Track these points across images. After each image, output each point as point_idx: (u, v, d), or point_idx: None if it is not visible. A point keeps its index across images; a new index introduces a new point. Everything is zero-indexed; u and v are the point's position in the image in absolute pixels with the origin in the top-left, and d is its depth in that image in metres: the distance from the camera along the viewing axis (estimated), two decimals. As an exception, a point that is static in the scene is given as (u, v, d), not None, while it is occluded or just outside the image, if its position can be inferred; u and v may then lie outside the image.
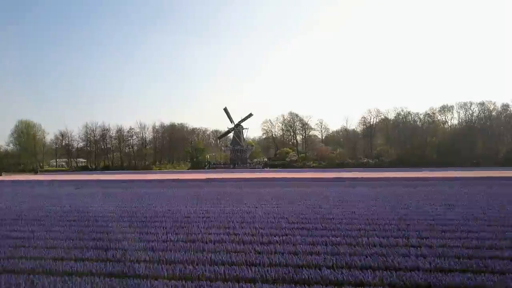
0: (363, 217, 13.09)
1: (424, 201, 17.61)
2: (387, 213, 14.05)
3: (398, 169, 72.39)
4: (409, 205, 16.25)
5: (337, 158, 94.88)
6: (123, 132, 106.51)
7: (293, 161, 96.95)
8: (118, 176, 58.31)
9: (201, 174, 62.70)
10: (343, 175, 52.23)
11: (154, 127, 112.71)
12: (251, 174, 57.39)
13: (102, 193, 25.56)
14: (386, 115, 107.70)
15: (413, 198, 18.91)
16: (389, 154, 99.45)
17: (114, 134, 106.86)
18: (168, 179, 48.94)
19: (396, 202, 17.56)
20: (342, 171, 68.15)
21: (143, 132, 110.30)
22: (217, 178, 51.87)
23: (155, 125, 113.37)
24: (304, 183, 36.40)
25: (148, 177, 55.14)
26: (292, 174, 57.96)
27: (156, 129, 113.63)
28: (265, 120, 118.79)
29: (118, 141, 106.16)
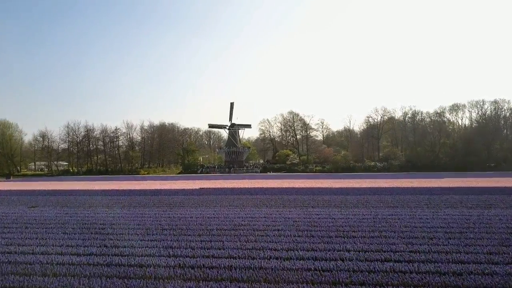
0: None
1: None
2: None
3: (416, 174, 66.02)
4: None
5: (342, 161, 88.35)
6: (108, 132, 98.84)
7: (294, 165, 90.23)
8: (90, 185, 51.08)
9: (191, 182, 55.58)
10: (372, 183, 45.91)
11: (143, 127, 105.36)
12: (254, 182, 50.47)
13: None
14: (393, 114, 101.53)
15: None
16: (397, 156, 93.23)
17: (98, 134, 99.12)
18: (148, 189, 41.69)
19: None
20: (358, 177, 61.77)
21: (130, 133, 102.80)
22: (212, 187, 44.90)
23: (143, 125, 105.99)
24: (336, 198, 29.46)
25: (125, 185, 47.85)
26: (304, 181, 51.04)
27: (144, 129, 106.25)
28: (263, 120, 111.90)
29: (103, 143, 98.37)
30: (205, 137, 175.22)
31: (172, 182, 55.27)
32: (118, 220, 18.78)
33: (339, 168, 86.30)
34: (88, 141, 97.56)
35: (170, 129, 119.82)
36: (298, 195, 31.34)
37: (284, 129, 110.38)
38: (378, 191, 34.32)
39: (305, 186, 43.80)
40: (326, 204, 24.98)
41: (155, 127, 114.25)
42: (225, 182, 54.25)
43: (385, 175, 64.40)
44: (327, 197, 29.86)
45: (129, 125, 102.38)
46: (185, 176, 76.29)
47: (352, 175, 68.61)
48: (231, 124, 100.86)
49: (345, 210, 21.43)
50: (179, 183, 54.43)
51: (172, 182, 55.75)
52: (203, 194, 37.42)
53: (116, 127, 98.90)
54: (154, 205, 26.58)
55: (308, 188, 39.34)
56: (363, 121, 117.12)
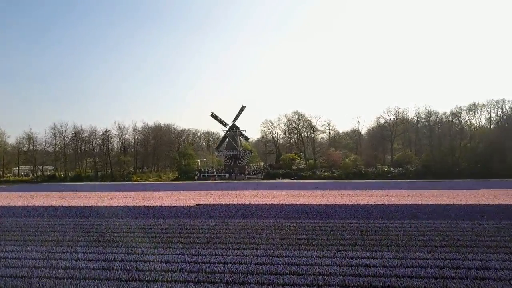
0: None
1: None
2: None
3: (443, 184, 59.26)
4: None
5: (352, 166, 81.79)
6: (98, 134, 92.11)
7: (300, 170, 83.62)
8: (57, 198, 44.29)
9: (186, 193, 49.01)
10: (412, 197, 39.06)
11: (135, 129, 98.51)
12: (263, 195, 43.90)
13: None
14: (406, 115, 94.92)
15: None
16: (411, 160, 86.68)
17: (87, 137, 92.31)
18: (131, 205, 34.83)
19: None
20: (382, 186, 54.91)
21: (122, 135, 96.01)
22: (211, 203, 38.20)
23: (136, 127, 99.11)
24: (392, 227, 22.75)
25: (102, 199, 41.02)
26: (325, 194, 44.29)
27: (138, 131, 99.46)
28: (265, 121, 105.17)
29: (92, 146, 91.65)
30: (204, 139, 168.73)
31: (164, 194, 48.62)
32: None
33: (350, 173, 79.80)
34: (76, 144, 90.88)
35: (166, 130, 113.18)
36: (339, 222, 24.23)
37: (288, 130, 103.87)
38: (443, 209, 27.49)
39: (334, 201, 36.92)
40: (396, 241, 18.00)
41: (150, 128, 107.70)
42: (226, 194, 47.68)
43: (410, 185, 57.81)
44: (381, 223, 23.00)
45: (121, 127, 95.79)
46: (180, 185, 69.64)
47: (370, 183, 62.17)
48: (231, 126, 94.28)
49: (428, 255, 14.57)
50: (172, 195, 47.77)
51: (163, 194, 49.01)
52: (199, 215, 30.79)
53: (106, 129, 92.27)
54: (126, 241, 19.68)
55: (344, 205, 32.59)
56: (373, 121, 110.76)
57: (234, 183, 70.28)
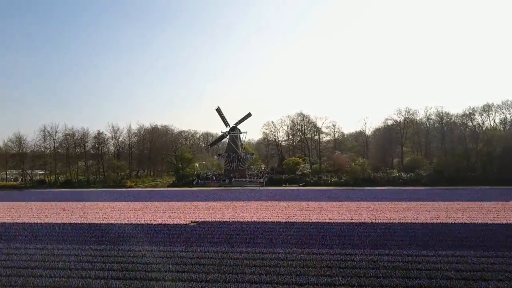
0: None
1: None
2: None
3: (459, 192, 54.40)
4: None
5: (360, 171, 76.93)
6: (90, 137, 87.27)
7: (305, 175, 78.78)
8: (21, 211, 39.68)
9: (182, 204, 44.20)
10: (449, 212, 34.62)
11: (130, 131, 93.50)
12: (272, 208, 39.07)
13: None
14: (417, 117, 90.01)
15: None
16: (423, 165, 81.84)
17: (79, 140, 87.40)
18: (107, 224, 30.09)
19: None
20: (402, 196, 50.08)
21: (116, 137, 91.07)
22: (209, 221, 33.60)
23: (130, 128, 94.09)
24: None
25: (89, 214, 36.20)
26: (345, 207, 39.54)
27: (133, 132, 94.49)
28: (267, 122, 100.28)
29: (84, 149, 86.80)
30: (203, 140, 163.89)
31: (156, 206, 43.86)
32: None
33: (358, 179, 74.92)
34: (67, 147, 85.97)
35: (163, 132, 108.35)
36: (368, 254, 19.50)
37: (291, 132, 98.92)
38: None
39: (352, 218, 32.20)
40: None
41: (146, 129, 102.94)
42: (226, 206, 42.96)
43: (428, 194, 52.92)
44: (423, 258, 18.03)
45: (115, 129, 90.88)
46: (175, 193, 64.82)
47: (383, 191, 57.30)
48: (231, 127, 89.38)
49: None
50: (165, 207, 43.01)
51: (156, 206, 44.22)
52: (194, 239, 26.15)
53: (99, 131, 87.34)
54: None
55: (365, 224, 27.07)
56: (380, 123, 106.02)
57: (235, 190, 65.50)
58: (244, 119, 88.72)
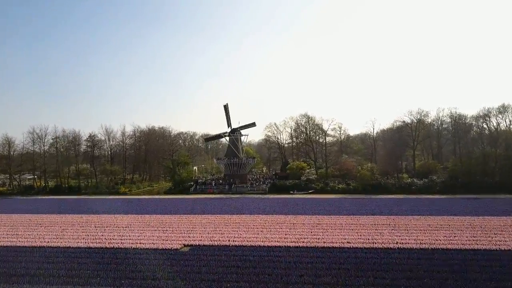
0: None
1: None
2: None
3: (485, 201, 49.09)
4: None
5: (371, 177, 71.80)
6: (80, 139, 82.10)
7: (311, 181, 73.65)
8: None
9: (175, 218, 39.03)
10: (486, 232, 30.36)
11: (124, 133, 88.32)
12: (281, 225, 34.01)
13: None
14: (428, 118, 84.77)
15: None
16: (436, 169, 76.76)
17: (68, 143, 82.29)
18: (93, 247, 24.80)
19: None
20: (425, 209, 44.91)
21: (109, 139, 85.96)
22: (205, 245, 28.62)
23: (125, 130, 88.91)
24: None
25: (66, 235, 31.17)
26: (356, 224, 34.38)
27: (127, 135, 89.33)
28: (269, 124, 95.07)
29: (75, 152, 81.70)
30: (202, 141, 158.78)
31: (146, 221, 38.62)
32: None
33: (367, 186, 69.81)
34: (57, 150, 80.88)
35: (160, 133, 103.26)
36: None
37: (295, 135, 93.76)
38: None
39: (374, 240, 26.49)
40: None
41: (143, 131, 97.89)
42: (225, 221, 37.84)
43: (450, 204, 47.67)
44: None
45: (108, 131, 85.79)
46: (170, 203, 59.78)
47: (398, 201, 52.13)
48: (232, 129, 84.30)
49: None
50: (156, 223, 37.85)
51: (145, 220, 38.95)
52: (185, 271, 21.05)
53: (91, 133, 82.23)
54: None
55: (391, 250, 20.66)
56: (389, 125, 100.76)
57: (235, 199, 60.38)
58: (247, 126, 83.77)
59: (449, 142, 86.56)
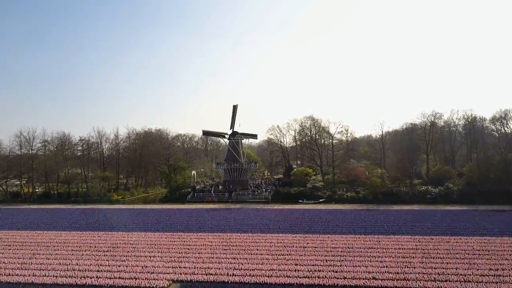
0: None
1: None
2: None
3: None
4: None
5: (381, 185, 66.55)
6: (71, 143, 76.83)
7: (317, 189, 68.36)
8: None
9: (166, 240, 33.84)
10: None
11: (118, 136, 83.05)
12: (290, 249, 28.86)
13: None
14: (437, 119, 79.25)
15: None
16: (450, 175, 71.45)
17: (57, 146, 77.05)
18: None
19: None
20: (452, 225, 39.68)
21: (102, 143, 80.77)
22: (201, 281, 23.36)
23: (118, 133, 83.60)
24: None
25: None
26: (377, 247, 29.26)
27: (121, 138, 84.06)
28: (272, 126, 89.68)
29: (63, 157, 76.44)
30: (201, 144, 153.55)
31: (131, 244, 33.30)
32: None
33: (378, 194, 64.57)
34: (45, 154, 75.68)
35: (157, 136, 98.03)
36: None
37: (299, 138, 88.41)
38: None
39: (418, 278, 21.61)
40: None
41: (138, 134, 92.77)
42: (225, 241, 32.65)
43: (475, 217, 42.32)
44: None
45: (101, 134, 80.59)
46: (163, 214, 54.62)
47: (417, 213, 46.89)
48: (233, 132, 79.12)
49: None
50: (143, 244, 32.65)
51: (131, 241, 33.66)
52: None
53: (81, 136, 76.99)
54: None
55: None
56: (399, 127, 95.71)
57: (236, 210, 55.11)
58: (248, 136, 78.85)
59: (463, 146, 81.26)
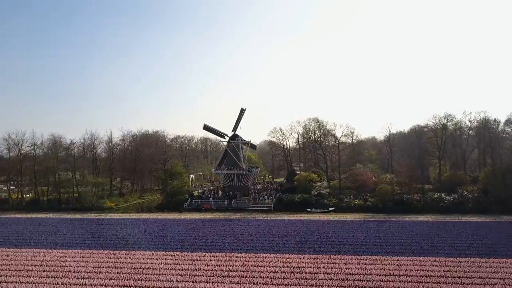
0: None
1: None
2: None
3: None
4: None
5: (391, 192, 62.39)
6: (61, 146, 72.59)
7: (322, 196, 64.16)
8: None
9: (152, 264, 29.69)
10: None
11: (110, 138, 78.78)
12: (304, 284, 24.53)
13: None
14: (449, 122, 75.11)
15: None
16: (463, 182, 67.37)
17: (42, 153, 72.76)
18: None
19: None
20: (483, 246, 35.29)
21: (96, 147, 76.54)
22: None
23: (112, 137, 79.31)
24: None
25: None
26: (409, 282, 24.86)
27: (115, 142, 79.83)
28: (274, 129, 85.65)
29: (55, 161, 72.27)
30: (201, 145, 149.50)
31: (111, 269, 29.06)
32: None
33: (388, 201, 60.36)
34: (34, 158, 71.42)
35: (153, 138, 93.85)
36: None
37: (302, 140, 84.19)
38: None
39: None
40: None
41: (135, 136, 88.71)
42: (224, 263, 28.45)
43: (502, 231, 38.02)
44: None
45: (94, 136, 76.36)
46: (156, 225, 50.48)
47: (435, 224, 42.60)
48: (233, 135, 75.01)
49: None
50: (124, 271, 28.43)
51: (110, 265, 29.27)
52: None
53: (72, 140, 72.72)
54: None
55: None
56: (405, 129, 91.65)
57: (236, 220, 50.80)
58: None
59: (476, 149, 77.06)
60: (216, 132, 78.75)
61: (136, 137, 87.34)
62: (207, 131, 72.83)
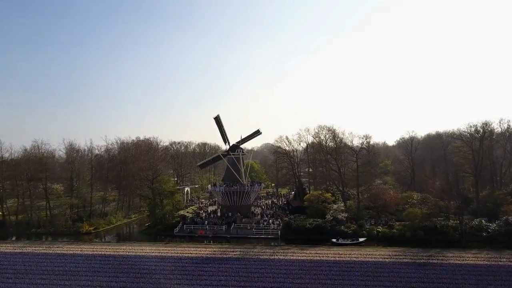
0: None
1: None
2: None
3: None
4: None
5: (422, 217, 52.07)
6: (31, 160, 62.23)
7: (339, 221, 53.78)
8: None
9: None
10: None
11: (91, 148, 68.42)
12: None
13: None
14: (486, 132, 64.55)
15: None
16: (503, 202, 57.18)
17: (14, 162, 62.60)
18: None
19: None
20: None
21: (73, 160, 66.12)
22: None
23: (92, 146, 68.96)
24: None
25: None
26: None
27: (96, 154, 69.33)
28: (279, 138, 75.09)
29: (27, 176, 62.03)
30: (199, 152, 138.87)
31: None
32: None
33: (418, 229, 49.99)
34: (2, 171, 60.97)
35: (144, 147, 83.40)
36: None
37: (312, 150, 73.62)
38: None
39: None
40: None
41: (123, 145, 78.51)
42: None
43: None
44: None
45: (72, 146, 66.01)
46: (134, 264, 40.39)
47: (503, 269, 32.03)
48: (231, 147, 64.75)
49: None
50: None
51: None
52: None
53: (43, 153, 62.15)
54: None
55: None
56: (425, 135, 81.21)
57: (236, 261, 40.18)
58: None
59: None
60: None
61: (124, 145, 77.07)
62: (216, 124, 61.70)
